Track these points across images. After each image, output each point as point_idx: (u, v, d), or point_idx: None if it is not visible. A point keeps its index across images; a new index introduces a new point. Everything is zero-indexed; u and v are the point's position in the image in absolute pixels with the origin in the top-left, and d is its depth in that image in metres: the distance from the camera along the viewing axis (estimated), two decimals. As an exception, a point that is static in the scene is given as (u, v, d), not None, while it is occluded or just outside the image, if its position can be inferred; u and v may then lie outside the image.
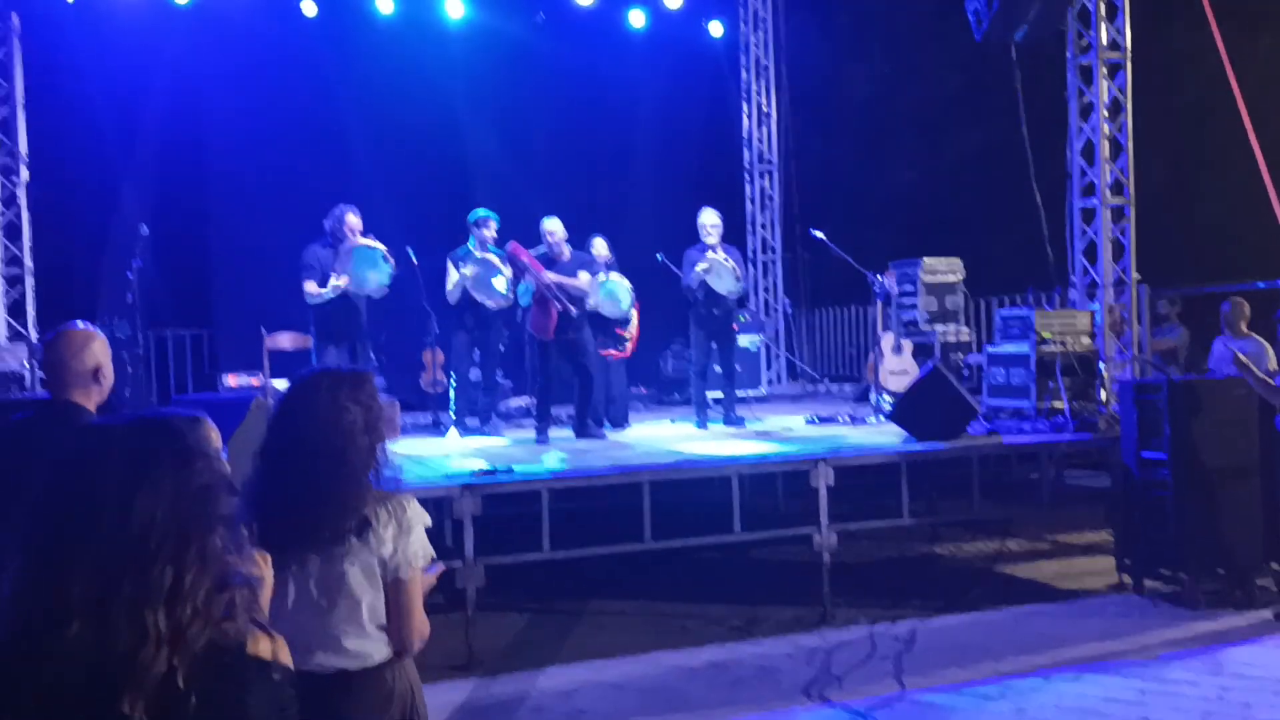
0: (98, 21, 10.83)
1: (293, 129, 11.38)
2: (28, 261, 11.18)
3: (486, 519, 6.40)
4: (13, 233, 11.20)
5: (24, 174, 11.18)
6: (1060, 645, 6.10)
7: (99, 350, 3.34)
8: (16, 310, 11.10)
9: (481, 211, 8.80)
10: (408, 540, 2.69)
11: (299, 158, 11.26)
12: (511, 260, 8.54)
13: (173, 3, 10.95)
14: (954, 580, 7.65)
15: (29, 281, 11.19)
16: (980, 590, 7.33)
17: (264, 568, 1.99)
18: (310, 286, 7.88)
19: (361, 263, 7.88)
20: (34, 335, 11.02)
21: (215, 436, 3.12)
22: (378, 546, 2.66)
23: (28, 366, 9.21)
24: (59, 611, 1.54)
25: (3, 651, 1.61)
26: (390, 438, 6.90)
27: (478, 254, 8.65)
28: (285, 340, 9.89)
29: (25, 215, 11.20)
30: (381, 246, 7.94)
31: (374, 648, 2.68)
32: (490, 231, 8.70)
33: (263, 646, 1.63)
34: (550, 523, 6.49)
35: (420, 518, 2.75)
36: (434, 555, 2.79)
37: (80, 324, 3.41)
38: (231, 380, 10.33)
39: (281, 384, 9.05)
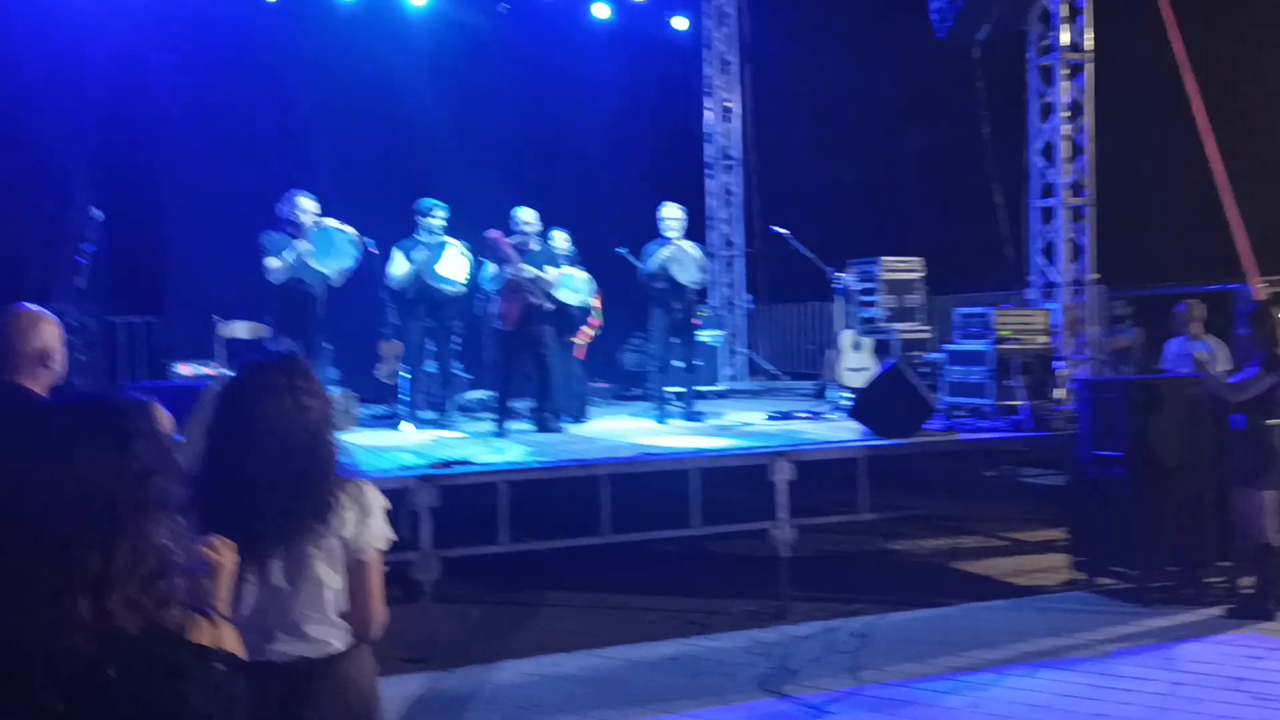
0: (49, 4, 10.60)
1: (250, 115, 11.23)
2: (-27, 245, 10.96)
3: (444, 511, 6.35)
4: (-42, 216, 10.97)
5: (-30, 156, 10.95)
6: (1015, 640, 6.13)
7: (47, 333, 3.26)
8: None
9: (429, 201, 8.74)
10: (368, 521, 2.68)
11: (255, 144, 11.12)
12: (492, 249, 8.47)
13: (122, -13, 10.75)
14: (910, 576, 7.67)
15: (-26, 265, 10.97)
16: (936, 586, 7.35)
17: (224, 554, 1.92)
18: (272, 262, 7.75)
19: (323, 244, 7.77)
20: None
21: (166, 420, 3.05)
22: (339, 528, 2.63)
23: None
24: None
25: None
26: (346, 429, 6.74)
27: (427, 241, 8.57)
28: (240, 329, 9.78)
29: (-28, 198, 10.98)
30: (350, 230, 7.82)
31: (335, 635, 2.65)
32: (438, 220, 8.62)
33: (205, 634, 1.58)
34: (512, 515, 6.45)
35: (379, 501, 2.74)
36: (394, 538, 2.76)
37: (30, 306, 3.31)
38: (184, 369, 10.16)
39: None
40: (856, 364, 10.19)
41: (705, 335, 11.95)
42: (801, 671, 5.74)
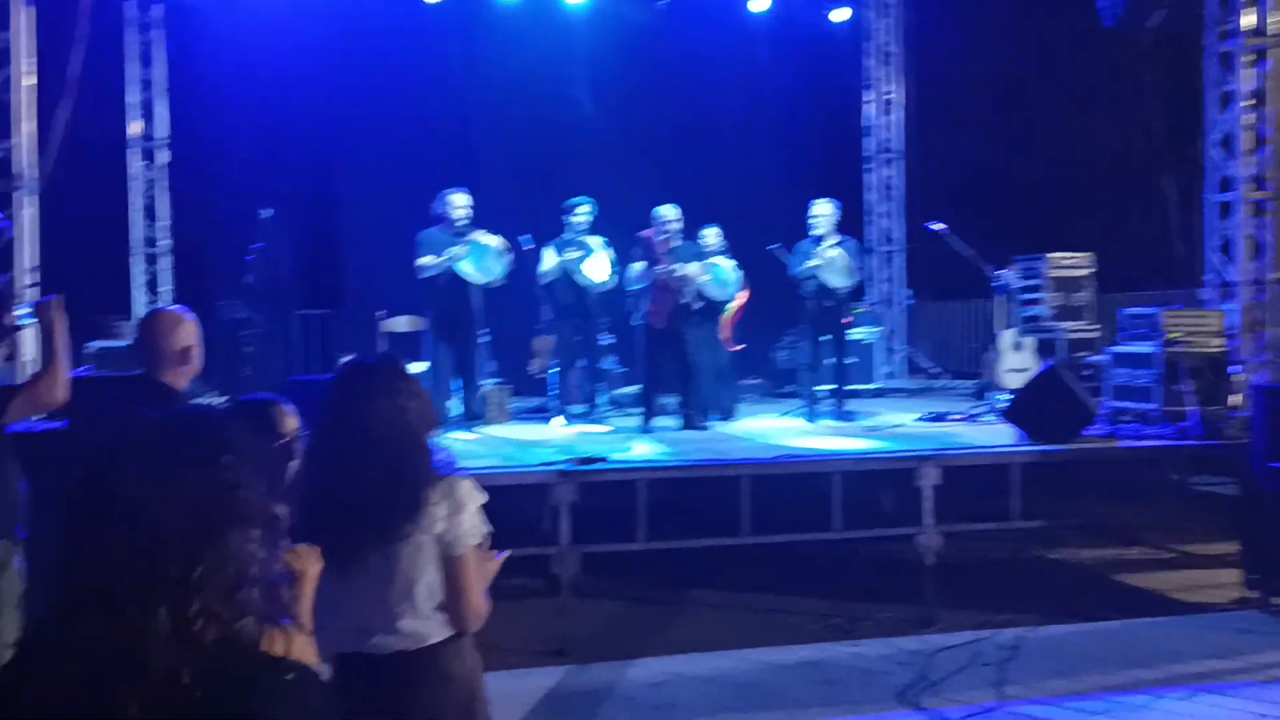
0: (232, 9, 11.17)
1: (414, 115, 11.58)
2: (165, 241, 11.68)
3: (585, 507, 6.42)
4: (151, 213, 11.71)
5: (164, 157, 11.68)
6: (1174, 661, 5.83)
7: (189, 332, 3.44)
8: (153, 288, 11.60)
9: (574, 199, 8.87)
10: (460, 518, 2.71)
11: (418, 143, 11.45)
12: (642, 248, 8.53)
13: (302, -8, 11.23)
14: (1067, 587, 7.36)
15: (165, 261, 11.69)
16: (1094, 599, 7.04)
17: (307, 562, 1.98)
18: (426, 259, 7.98)
19: (476, 256, 7.99)
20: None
21: (291, 420, 3.17)
22: (430, 525, 2.68)
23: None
24: (72, 601, 1.55)
25: (29, 635, 1.64)
26: (498, 422, 6.88)
27: (575, 239, 8.70)
28: (401, 323, 10.11)
29: (165, 197, 11.71)
30: (494, 241, 7.99)
31: (430, 628, 2.70)
32: (580, 217, 8.72)
33: (278, 645, 1.62)
34: (651, 513, 6.48)
35: (473, 497, 2.76)
36: (489, 532, 2.79)
37: (173, 306, 3.50)
38: (350, 361, 10.55)
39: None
40: (1017, 364, 9.83)
41: (860, 333, 11.74)
42: (943, 683, 5.58)
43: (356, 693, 2.66)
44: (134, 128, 11.50)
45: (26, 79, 8.04)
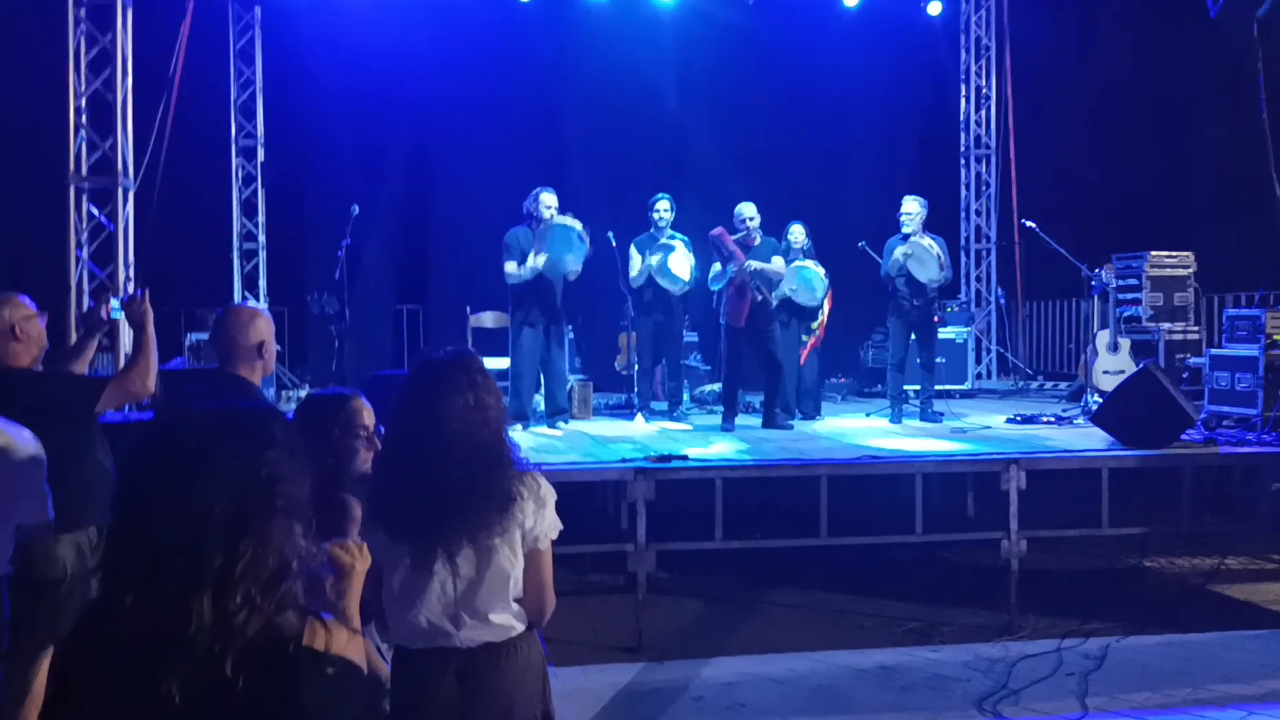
0: (327, 9, 11.40)
1: (503, 113, 11.69)
2: (261, 237, 11.99)
3: (662, 504, 6.42)
4: (249, 210, 12.02)
5: (261, 154, 11.97)
6: (1269, 676, 5.61)
7: (263, 327, 3.51)
8: (250, 282, 11.90)
9: (656, 195, 8.85)
10: (544, 513, 2.77)
11: (509, 141, 11.56)
12: (716, 246, 8.50)
13: (394, -7, 11.41)
14: (1160, 597, 7.14)
15: (262, 256, 11.99)
16: (1188, 610, 6.81)
17: (356, 558, 2.00)
18: (510, 267, 8.07)
19: (558, 242, 7.97)
20: (265, 305, 11.78)
21: (367, 415, 3.22)
22: (520, 520, 2.73)
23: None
24: (118, 586, 1.59)
25: (83, 618, 1.68)
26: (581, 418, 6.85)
27: (657, 237, 8.70)
28: (488, 319, 10.24)
29: (261, 194, 12.01)
30: (577, 224, 8.01)
31: (514, 621, 2.75)
32: (660, 214, 8.71)
33: (319, 638, 1.64)
34: (730, 512, 6.45)
35: (551, 493, 2.83)
36: (562, 528, 2.84)
37: (249, 302, 3.58)
38: (438, 357, 10.70)
39: (489, 363, 9.36)
40: (1113, 366, 9.56)
41: (951, 332, 11.53)
42: (1023, 693, 5.46)
43: (433, 685, 2.69)
44: (233, 126, 11.81)
45: (127, 80, 8.31)
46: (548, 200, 8.16)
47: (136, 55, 8.41)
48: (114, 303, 4.51)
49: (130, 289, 8.44)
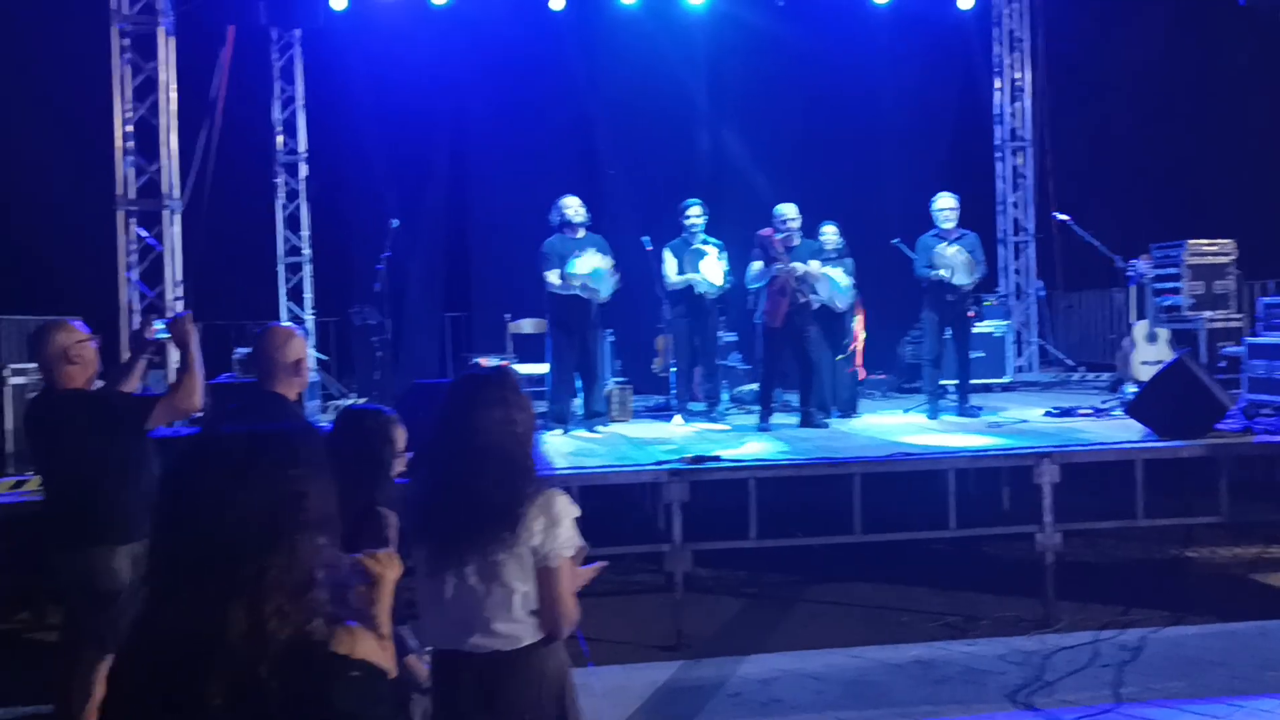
0: (365, 26, 11.63)
1: (539, 120, 11.85)
2: (306, 250, 12.25)
3: (699, 504, 6.54)
4: (293, 224, 12.28)
5: (304, 169, 12.23)
6: (1308, 664, 5.61)
7: (299, 346, 3.68)
8: (296, 295, 12.16)
9: (687, 200, 8.96)
10: (556, 531, 2.84)
11: (544, 149, 11.72)
12: (762, 246, 8.58)
13: (430, 4, 11.59)
14: (1199, 587, 7.14)
15: (307, 269, 12.25)
16: (1229, 600, 6.81)
17: (385, 567, 2.11)
18: (551, 276, 8.23)
19: (593, 282, 8.24)
20: (310, 319, 12.05)
21: (401, 435, 3.35)
22: (528, 538, 2.81)
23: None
24: (160, 597, 1.74)
25: (134, 625, 1.83)
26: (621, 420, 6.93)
27: (690, 240, 8.80)
28: (527, 325, 10.41)
29: (305, 208, 12.27)
30: (606, 263, 8.20)
31: (524, 630, 2.84)
32: (692, 219, 8.81)
33: (344, 644, 1.77)
34: (767, 510, 6.55)
35: (568, 511, 2.89)
36: (583, 545, 2.92)
37: (283, 323, 3.75)
38: (482, 362, 10.90)
39: (528, 369, 9.53)
40: (1152, 356, 9.53)
41: (990, 325, 11.53)
42: (1058, 685, 5.51)
43: (454, 687, 2.84)
44: (277, 142, 12.08)
45: (171, 105, 8.58)
46: (569, 204, 8.33)
47: (180, 80, 8.68)
48: (158, 324, 4.70)
49: (179, 308, 8.71)
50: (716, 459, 6.49)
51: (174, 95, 8.60)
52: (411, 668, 2.94)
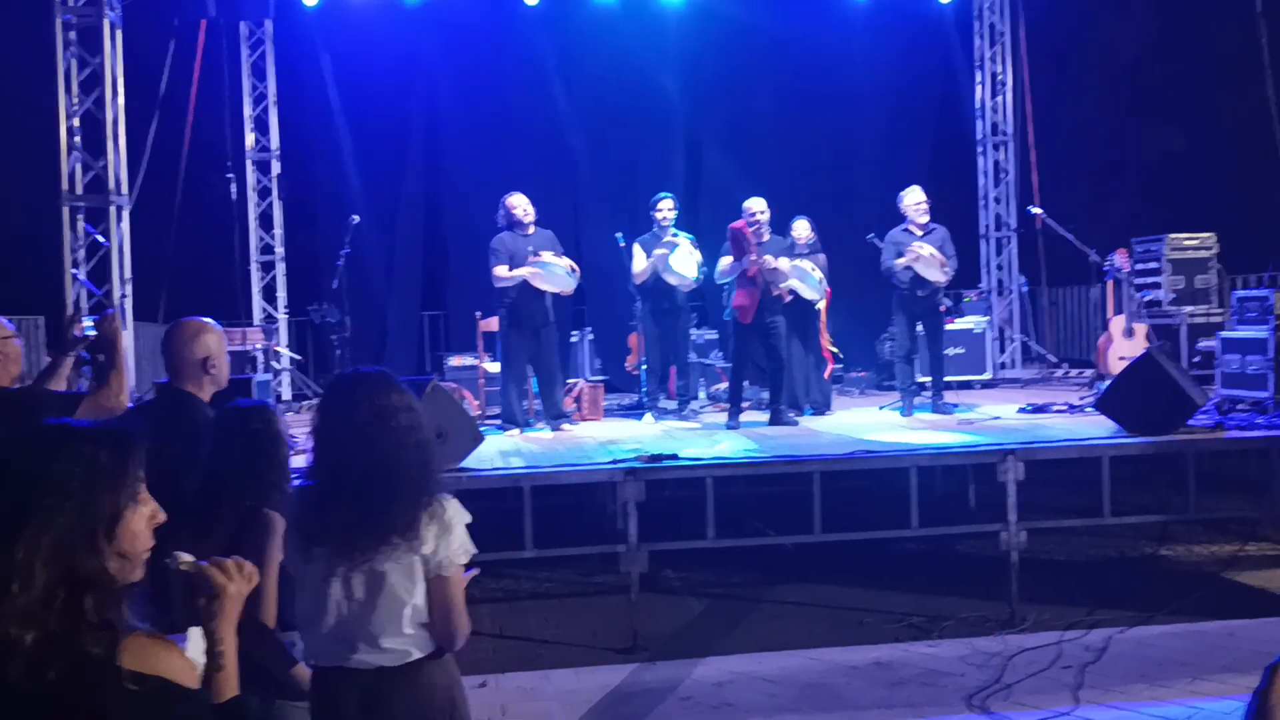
0: (338, 22, 11.51)
1: (514, 117, 11.69)
2: (279, 249, 12.13)
3: (663, 504, 6.43)
4: (266, 222, 12.17)
5: (276, 167, 12.11)
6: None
7: (210, 342, 3.54)
8: (269, 294, 12.05)
9: (658, 195, 8.85)
10: (449, 539, 2.71)
11: (518, 144, 11.57)
12: (734, 239, 8.46)
13: (402, 3, 11.47)
14: (1171, 586, 7.00)
15: (280, 268, 12.13)
16: (1199, 598, 6.68)
17: (234, 578, 1.97)
18: (500, 270, 8.12)
19: (547, 273, 8.12)
20: (283, 318, 11.93)
21: (280, 424, 3.21)
22: (419, 546, 2.68)
23: (259, 349, 9.93)
24: None
25: None
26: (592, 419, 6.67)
27: (661, 235, 8.69)
28: (495, 322, 10.24)
29: (277, 205, 12.15)
30: (564, 263, 8.11)
31: (414, 645, 2.70)
32: (662, 213, 8.70)
33: (130, 657, 1.65)
34: (736, 509, 6.45)
35: (460, 516, 2.76)
36: (475, 552, 2.79)
37: (194, 317, 3.62)
38: (456, 360, 10.79)
39: (496, 367, 9.39)
40: (1129, 352, 9.40)
41: (970, 322, 11.41)
42: (1016, 687, 5.40)
43: (336, 705, 2.70)
44: (248, 140, 11.97)
45: (119, 100, 8.45)
46: (515, 201, 8.26)
47: (127, 75, 8.56)
48: (86, 321, 4.58)
49: (128, 306, 8.61)
50: (674, 458, 6.36)
51: (121, 90, 8.48)
52: (297, 676, 2.81)
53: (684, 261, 8.64)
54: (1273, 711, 1.44)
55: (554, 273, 8.13)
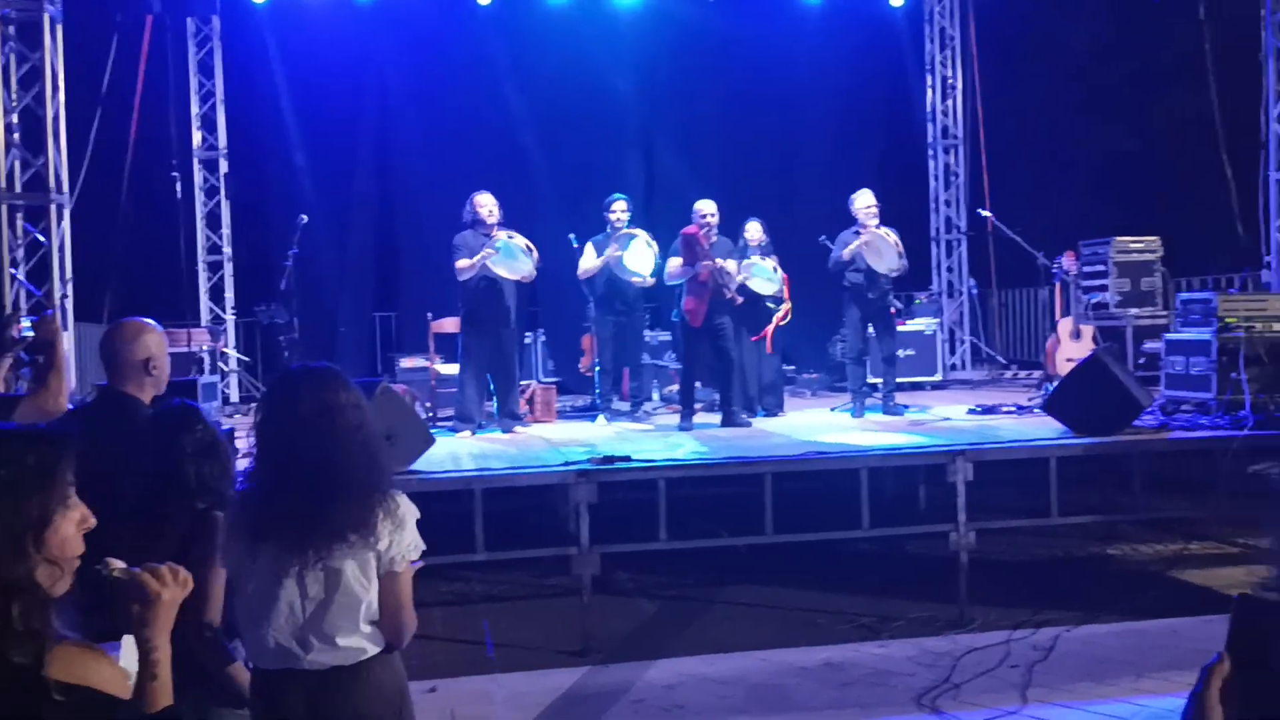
0: (287, 20, 11.38)
1: (467, 117, 11.64)
2: (227, 249, 11.97)
3: (615, 506, 6.40)
4: (214, 222, 12.01)
5: (223, 166, 11.95)
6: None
7: (151, 343, 3.47)
8: (216, 294, 11.89)
9: (612, 196, 8.85)
10: (401, 534, 2.70)
11: (470, 145, 11.50)
12: (687, 243, 8.45)
13: (354, 2, 11.37)
14: (1118, 585, 7.10)
15: (228, 268, 11.97)
16: (1144, 597, 6.77)
17: (168, 585, 1.93)
18: (462, 263, 8.07)
19: (506, 254, 8.05)
20: (231, 319, 11.78)
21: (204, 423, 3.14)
22: (374, 542, 2.66)
23: (206, 351, 9.80)
24: None
25: None
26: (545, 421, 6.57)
27: (615, 235, 8.67)
28: (449, 324, 10.18)
29: (225, 205, 11.99)
30: (521, 240, 8.05)
31: (366, 643, 2.69)
32: (616, 214, 8.69)
33: (57, 666, 1.60)
34: (681, 512, 6.43)
35: (411, 512, 2.75)
36: (424, 548, 2.77)
37: (135, 318, 3.55)
38: (407, 362, 10.71)
39: (448, 369, 9.32)
40: (1076, 354, 9.53)
41: (920, 324, 11.50)
42: (965, 687, 5.43)
43: (282, 710, 2.66)
44: (195, 139, 11.80)
45: (59, 96, 8.30)
46: (482, 201, 8.21)
47: (68, 71, 8.41)
48: (25, 322, 4.49)
49: (68, 306, 8.45)
50: (627, 459, 6.34)
51: (62, 86, 8.33)
52: (235, 676, 2.77)
53: (639, 258, 8.62)
54: (1209, 713, 1.45)
55: (512, 253, 8.06)
